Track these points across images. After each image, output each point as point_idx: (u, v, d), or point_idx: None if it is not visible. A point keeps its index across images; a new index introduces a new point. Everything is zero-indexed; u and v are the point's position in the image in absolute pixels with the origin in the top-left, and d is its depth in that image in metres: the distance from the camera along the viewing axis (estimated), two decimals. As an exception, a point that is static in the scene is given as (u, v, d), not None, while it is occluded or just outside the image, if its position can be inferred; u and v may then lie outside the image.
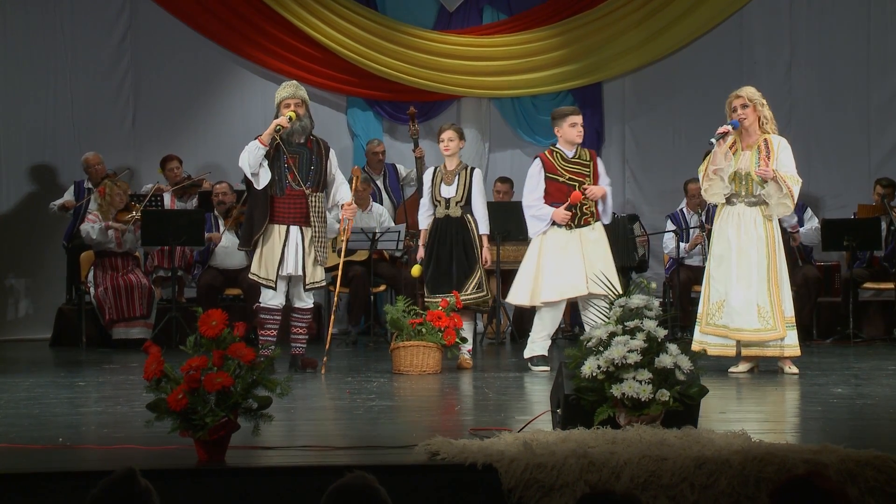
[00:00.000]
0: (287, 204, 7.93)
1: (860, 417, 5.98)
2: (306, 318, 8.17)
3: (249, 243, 8.02)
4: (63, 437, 5.12)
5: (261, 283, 8.00)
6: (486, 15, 12.10)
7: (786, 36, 12.02)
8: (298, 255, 7.93)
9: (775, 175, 7.67)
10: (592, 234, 8.19)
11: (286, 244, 7.91)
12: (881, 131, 11.89)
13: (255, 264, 8.01)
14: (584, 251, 8.11)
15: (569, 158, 8.29)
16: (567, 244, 8.15)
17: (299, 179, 7.94)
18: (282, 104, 8.02)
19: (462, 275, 8.53)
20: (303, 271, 7.95)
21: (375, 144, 11.40)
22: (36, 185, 11.46)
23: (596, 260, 8.08)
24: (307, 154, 8.02)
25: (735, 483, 4.21)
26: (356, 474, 3.04)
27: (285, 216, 7.94)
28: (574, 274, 8.07)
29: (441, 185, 8.59)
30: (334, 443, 4.94)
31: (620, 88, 12.17)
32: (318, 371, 8.02)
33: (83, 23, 11.47)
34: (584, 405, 4.98)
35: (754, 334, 7.69)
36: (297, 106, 7.98)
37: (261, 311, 8.07)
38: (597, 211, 8.26)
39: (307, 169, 7.99)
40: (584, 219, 8.19)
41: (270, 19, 11.64)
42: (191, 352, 4.55)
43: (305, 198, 7.95)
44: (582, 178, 8.24)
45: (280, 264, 7.90)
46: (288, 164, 7.93)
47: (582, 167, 8.28)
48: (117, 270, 10.28)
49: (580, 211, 8.19)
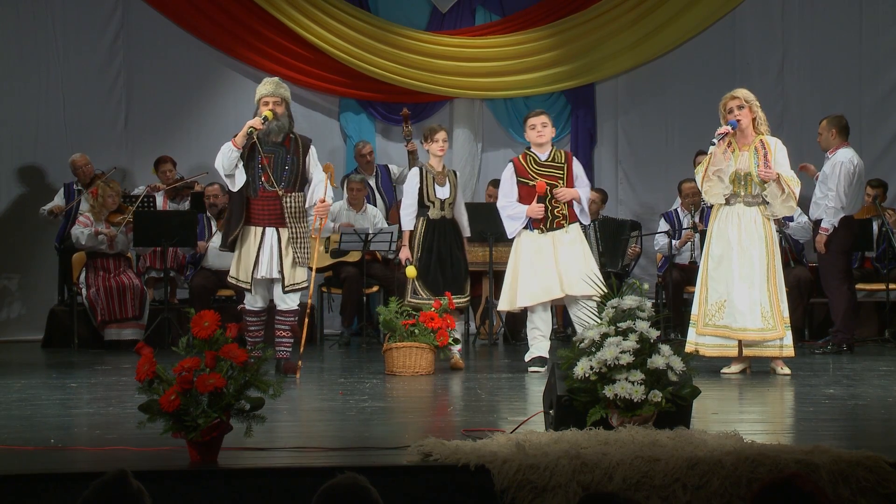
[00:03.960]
0: (261, 205, 7.80)
1: (852, 418, 5.99)
2: (289, 321, 7.97)
3: (227, 244, 7.93)
4: (55, 439, 5.11)
5: (238, 285, 7.92)
6: (478, 16, 12.11)
7: (778, 37, 12.05)
8: (274, 257, 7.78)
9: (778, 177, 7.68)
10: (566, 237, 8.18)
11: (261, 246, 7.78)
12: (872, 133, 11.91)
13: (232, 266, 7.90)
14: (557, 254, 8.12)
15: (542, 161, 8.27)
16: (540, 248, 8.16)
17: (273, 180, 7.79)
18: (260, 101, 7.89)
19: (463, 277, 8.58)
20: (280, 273, 7.80)
21: (362, 146, 11.38)
22: (27, 185, 11.44)
23: (572, 262, 8.07)
24: (283, 153, 7.85)
25: (727, 484, 4.21)
26: (347, 475, 3.05)
27: (260, 218, 7.81)
28: (547, 277, 8.08)
29: (434, 185, 8.59)
30: (327, 444, 4.93)
31: (613, 89, 12.18)
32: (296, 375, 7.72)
33: (75, 23, 11.46)
34: (577, 406, 4.98)
35: (758, 334, 7.69)
36: (276, 104, 7.83)
37: (245, 312, 7.97)
38: (571, 213, 8.22)
39: (281, 169, 7.84)
40: (557, 221, 8.17)
41: (263, 20, 11.64)
42: (183, 353, 4.55)
43: (279, 199, 7.80)
44: (554, 180, 8.20)
45: (255, 267, 7.78)
46: (262, 165, 7.79)
47: (555, 170, 8.25)
48: (109, 271, 10.27)
49: (551, 214, 8.17)
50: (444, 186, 8.58)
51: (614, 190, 12.09)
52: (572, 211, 8.24)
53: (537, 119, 8.30)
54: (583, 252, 8.17)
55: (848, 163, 9.25)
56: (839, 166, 9.20)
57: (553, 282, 8.07)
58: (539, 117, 8.31)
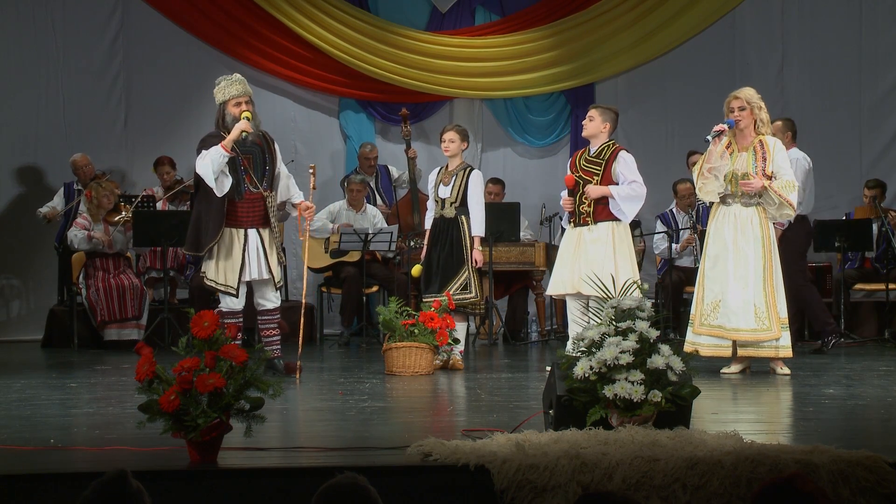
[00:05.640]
0: (246, 208, 7.70)
1: (852, 418, 5.99)
2: (276, 318, 7.92)
3: (200, 249, 7.70)
4: (54, 439, 5.11)
5: (219, 289, 7.73)
6: (478, 16, 12.10)
7: (778, 37, 12.06)
8: (260, 258, 7.72)
9: (763, 188, 7.63)
10: (590, 235, 7.98)
11: (246, 248, 7.68)
12: (872, 132, 11.92)
13: (210, 271, 7.71)
14: (577, 252, 8.04)
15: (589, 156, 8.12)
16: (568, 243, 8.11)
17: (256, 181, 7.72)
18: (230, 102, 7.70)
19: (445, 275, 8.51)
20: (269, 273, 7.76)
21: (368, 150, 11.37)
22: (26, 185, 11.44)
23: (590, 261, 7.87)
24: (259, 153, 7.78)
25: (727, 483, 4.21)
26: (347, 475, 3.05)
27: (244, 220, 7.70)
28: (565, 272, 8.02)
29: (440, 185, 8.59)
30: (326, 444, 4.93)
31: (613, 89, 12.18)
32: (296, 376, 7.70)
33: (75, 23, 11.46)
34: (577, 406, 4.98)
35: (751, 334, 7.69)
36: (248, 104, 7.71)
37: (224, 315, 7.66)
38: (599, 211, 7.95)
39: (262, 169, 7.77)
40: (582, 218, 8.01)
41: (262, 20, 11.63)
42: (183, 353, 4.55)
43: (264, 199, 7.74)
44: (589, 176, 8.04)
45: (242, 270, 7.67)
46: (244, 167, 7.71)
47: (595, 165, 8.07)
48: (109, 271, 10.28)
49: (578, 209, 8.07)
50: (447, 186, 8.58)
51: (613, 190, 12.10)
52: (602, 209, 7.96)
53: (588, 112, 8.25)
54: (604, 252, 7.89)
55: (803, 160, 9.24)
56: (795, 163, 8.98)
57: (568, 278, 8.00)
58: (589, 111, 8.26)
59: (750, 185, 7.65)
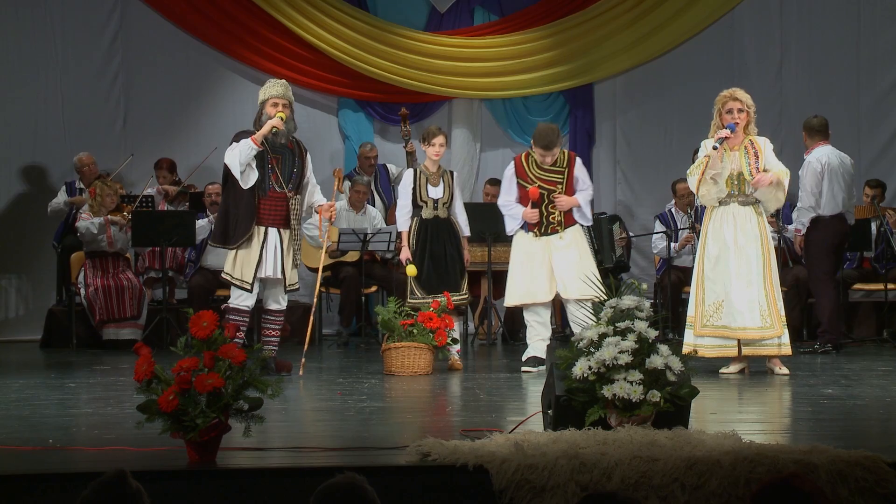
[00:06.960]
0: (269, 206, 7.80)
1: (850, 418, 5.99)
2: (280, 320, 8.00)
3: (228, 243, 7.80)
4: (53, 439, 5.11)
5: (234, 283, 7.80)
6: (477, 16, 12.11)
7: (776, 37, 12.06)
8: (277, 257, 7.79)
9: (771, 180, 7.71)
10: (560, 242, 8.21)
11: (265, 246, 7.77)
12: (871, 132, 11.92)
13: (228, 264, 7.83)
14: (551, 259, 8.15)
15: (547, 165, 8.28)
16: (532, 252, 8.21)
17: (282, 181, 7.83)
18: (269, 101, 7.87)
19: (459, 275, 8.56)
20: (282, 274, 7.82)
21: (368, 149, 11.38)
22: (25, 185, 11.44)
23: (567, 266, 8.10)
24: (289, 156, 7.91)
25: (725, 483, 4.21)
26: (345, 475, 3.05)
27: (266, 218, 7.80)
28: (535, 282, 8.14)
29: (427, 186, 8.60)
30: (325, 444, 4.93)
31: (612, 89, 12.19)
32: (297, 373, 7.84)
33: (74, 23, 11.46)
34: (576, 406, 4.98)
35: (758, 332, 7.70)
36: (285, 107, 7.86)
37: (230, 311, 7.82)
38: (567, 218, 8.24)
39: (290, 171, 7.90)
40: (552, 227, 8.21)
41: (261, 20, 11.64)
42: (182, 353, 4.55)
43: (287, 200, 7.83)
44: (552, 185, 8.23)
45: (258, 266, 7.76)
46: (271, 165, 7.82)
47: (555, 174, 8.25)
48: (108, 271, 10.27)
49: (546, 220, 8.19)
50: (437, 186, 8.59)
51: (612, 190, 12.11)
52: (569, 215, 8.25)
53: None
54: (578, 254, 8.19)
55: (815, 161, 9.28)
56: (806, 166, 9.24)
57: (541, 286, 8.12)
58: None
59: (764, 177, 7.70)
